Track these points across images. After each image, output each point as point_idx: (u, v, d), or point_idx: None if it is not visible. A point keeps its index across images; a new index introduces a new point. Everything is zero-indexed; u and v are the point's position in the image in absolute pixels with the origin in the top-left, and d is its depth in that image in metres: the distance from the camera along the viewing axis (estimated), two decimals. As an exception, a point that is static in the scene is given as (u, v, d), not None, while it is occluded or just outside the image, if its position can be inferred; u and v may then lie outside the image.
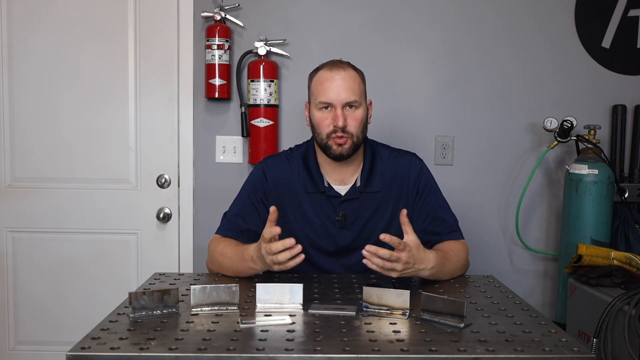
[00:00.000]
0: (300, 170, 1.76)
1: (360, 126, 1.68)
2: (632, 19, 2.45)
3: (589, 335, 1.81)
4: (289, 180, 1.75)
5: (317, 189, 1.73)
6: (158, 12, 2.47)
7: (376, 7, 2.47)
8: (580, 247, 1.97)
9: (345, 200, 1.73)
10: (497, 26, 2.48)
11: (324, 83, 1.66)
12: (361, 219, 1.74)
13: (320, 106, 1.67)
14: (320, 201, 1.73)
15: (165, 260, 2.53)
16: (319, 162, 1.76)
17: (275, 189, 1.76)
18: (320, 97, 1.66)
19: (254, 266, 1.56)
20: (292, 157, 1.79)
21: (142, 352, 1.08)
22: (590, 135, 2.28)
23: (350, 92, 1.65)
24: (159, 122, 2.51)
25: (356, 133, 1.67)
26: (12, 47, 2.48)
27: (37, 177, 2.51)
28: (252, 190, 1.77)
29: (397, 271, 1.48)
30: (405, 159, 1.81)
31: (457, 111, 2.50)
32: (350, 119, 1.66)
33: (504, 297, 1.48)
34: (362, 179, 1.74)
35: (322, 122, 1.67)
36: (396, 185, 1.77)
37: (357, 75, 1.70)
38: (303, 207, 1.73)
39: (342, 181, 1.75)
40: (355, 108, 1.67)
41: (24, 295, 2.54)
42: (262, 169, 1.79)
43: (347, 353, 1.08)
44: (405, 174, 1.77)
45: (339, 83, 1.64)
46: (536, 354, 1.10)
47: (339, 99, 1.64)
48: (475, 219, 2.49)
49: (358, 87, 1.68)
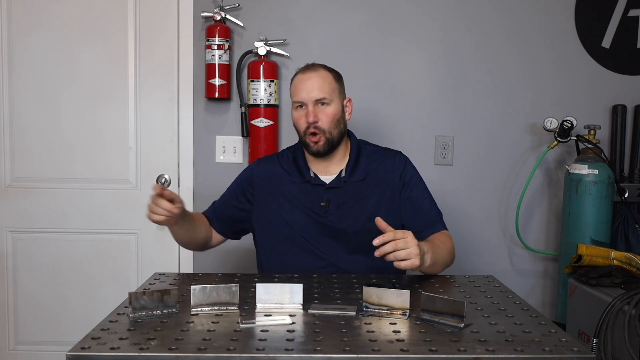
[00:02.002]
0: (290, 165, 1.87)
1: (332, 122, 1.78)
2: (632, 19, 2.45)
3: (589, 335, 1.81)
4: (276, 175, 1.87)
5: (304, 179, 1.83)
6: (158, 12, 2.47)
7: (376, 7, 2.47)
8: (580, 247, 1.97)
9: (329, 187, 1.81)
10: (497, 26, 2.48)
11: (297, 84, 1.81)
12: (346, 205, 1.80)
13: (296, 105, 1.81)
14: (307, 189, 1.82)
15: (165, 260, 2.53)
16: (306, 156, 1.87)
17: (260, 184, 1.87)
18: (294, 97, 1.81)
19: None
20: (283, 156, 1.92)
21: (142, 352, 1.08)
22: (590, 135, 2.28)
23: (319, 91, 1.77)
24: (159, 122, 2.51)
25: (328, 129, 1.78)
26: (12, 47, 2.48)
27: (37, 177, 2.51)
28: (237, 185, 1.93)
29: (414, 252, 1.47)
30: (390, 154, 1.90)
31: (457, 111, 2.50)
32: (321, 114, 1.77)
33: (504, 297, 1.48)
34: (347, 169, 1.83)
35: (298, 120, 1.81)
36: (381, 176, 1.84)
37: (328, 75, 1.81)
38: (291, 197, 1.82)
39: (327, 172, 1.85)
40: (327, 105, 1.78)
41: (24, 295, 2.54)
42: (252, 167, 1.95)
43: (347, 353, 1.08)
44: (390, 166, 1.86)
45: (309, 83, 1.78)
46: (536, 354, 1.10)
47: (310, 97, 1.77)
48: (475, 219, 2.49)
49: (328, 86, 1.79)
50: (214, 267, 2.42)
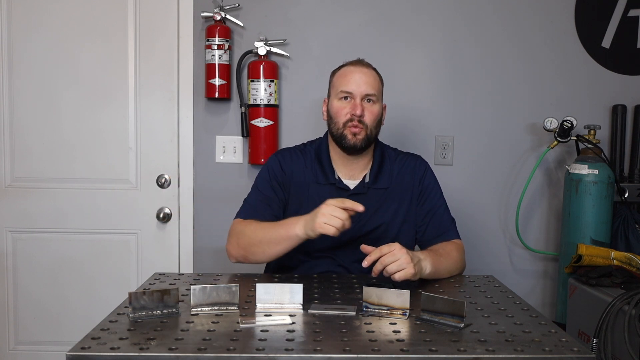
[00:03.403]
0: (312, 163, 1.82)
1: (376, 120, 1.77)
2: (632, 19, 2.45)
3: (589, 335, 1.81)
4: (301, 172, 1.82)
5: (328, 181, 1.79)
6: (158, 12, 2.47)
7: (376, 7, 2.47)
8: (580, 247, 1.97)
9: (353, 193, 1.77)
10: (497, 26, 2.48)
11: (347, 75, 1.77)
12: (366, 213, 1.75)
13: (341, 96, 1.76)
14: (330, 192, 1.77)
15: (165, 260, 2.53)
16: (331, 156, 1.83)
17: (289, 180, 1.81)
18: (341, 87, 1.76)
19: (294, 230, 1.56)
20: (306, 151, 1.86)
21: (142, 352, 1.08)
22: (590, 135, 2.28)
23: (369, 86, 1.75)
24: (159, 122, 2.51)
25: (371, 126, 1.75)
26: (12, 47, 2.48)
27: (37, 177, 2.51)
28: (272, 178, 1.81)
29: (404, 261, 1.46)
30: (412, 159, 1.88)
31: (457, 111, 2.50)
32: (368, 111, 1.75)
33: (504, 297, 1.48)
34: (371, 175, 1.81)
35: (340, 111, 1.75)
36: (402, 184, 1.83)
37: (377, 75, 1.82)
38: (313, 198, 1.76)
39: (351, 176, 1.81)
40: (373, 102, 1.76)
41: (24, 295, 2.54)
42: (278, 160, 1.84)
43: (347, 353, 1.08)
44: (411, 173, 1.84)
45: (360, 76, 1.75)
46: (536, 354, 1.10)
47: (359, 90, 1.74)
48: (475, 219, 2.49)
49: (377, 85, 1.79)
50: (214, 267, 2.42)
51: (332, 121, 1.78)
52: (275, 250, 1.63)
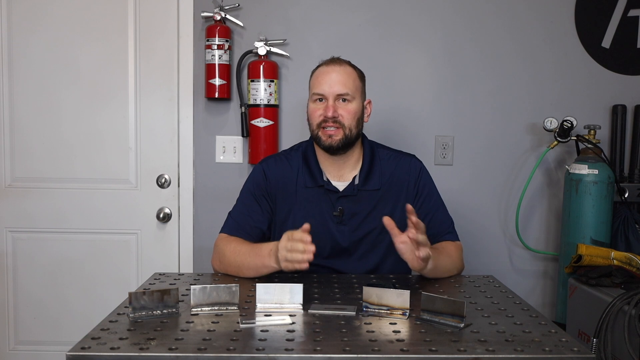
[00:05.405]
0: (300, 166, 1.79)
1: (354, 119, 1.72)
2: (632, 19, 2.45)
3: (589, 335, 1.81)
4: (288, 178, 1.79)
5: (316, 184, 1.76)
6: (158, 12, 2.47)
7: (376, 7, 2.47)
8: (580, 247, 1.97)
9: (343, 196, 1.75)
10: (497, 26, 2.48)
11: (319, 77, 1.74)
12: (359, 215, 1.75)
13: (314, 98, 1.74)
14: (319, 195, 1.76)
15: (165, 260, 2.53)
16: (319, 158, 1.80)
17: (275, 188, 1.79)
18: (314, 89, 1.74)
19: (268, 262, 1.56)
20: (292, 156, 1.83)
21: (142, 352, 1.08)
22: (590, 135, 2.28)
23: (342, 86, 1.71)
24: (159, 122, 2.51)
25: (349, 125, 1.71)
26: (12, 47, 2.48)
27: (37, 177, 2.51)
28: (255, 189, 1.80)
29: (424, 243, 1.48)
30: (405, 159, 1.84)
31: (457, 111, 2.50)
32: (342, 110, 1.71)
33: (504, 297, 1.48)
34: (361, 177, 1.77)
35: (314, 113, 1.73)
36: (396, 185, 1.79)
37: (353, 72, 1.75)
38: (302, 203, 1.76)
39: (340, 177, 1.78)
40: (348, 102, 1.72)
41: (24, 295, 2.54)
42: (263, 169, 1.82)
43: (347, 353, 1.08)
44: (405, 173, 1.80)
45: (332, 76, 1.71)
46: (536, 354, 1.10)
47: (331, 91, 1.70)
48: (475, 219, 2.49)
49: (352, 83, 1.73)
50: (214, 267, 2.42)
51: (309, 122, 1.76)
52: (255, 275, 1.62)
